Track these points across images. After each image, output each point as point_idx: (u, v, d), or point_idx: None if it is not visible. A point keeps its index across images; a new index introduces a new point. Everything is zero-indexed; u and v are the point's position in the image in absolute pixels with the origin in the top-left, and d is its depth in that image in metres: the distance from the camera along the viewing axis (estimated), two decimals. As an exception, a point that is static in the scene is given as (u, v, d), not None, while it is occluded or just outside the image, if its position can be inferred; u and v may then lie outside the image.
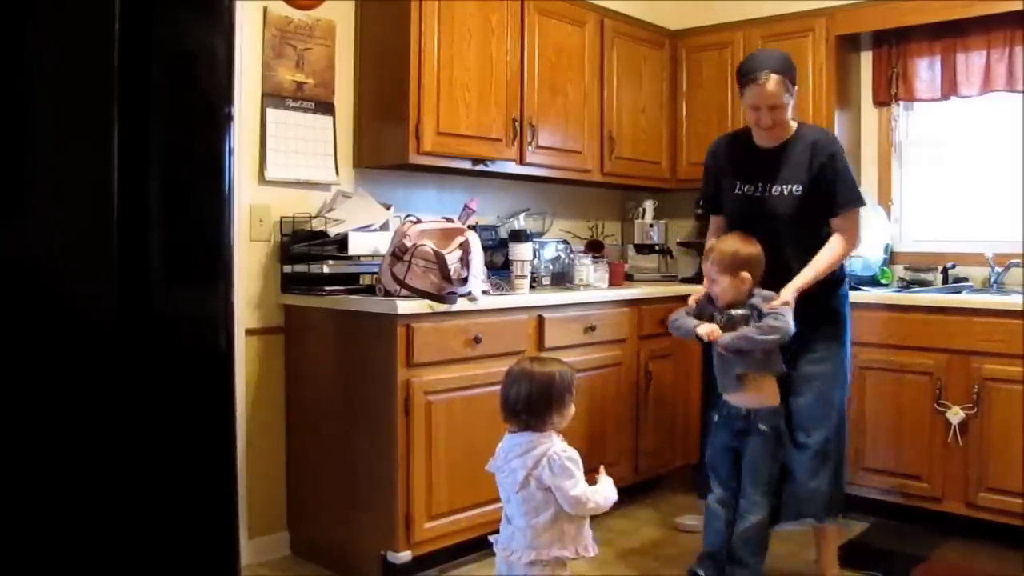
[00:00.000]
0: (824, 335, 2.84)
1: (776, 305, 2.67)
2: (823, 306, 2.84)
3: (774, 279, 2.74)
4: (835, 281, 2.89)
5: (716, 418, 2.87)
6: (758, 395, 2.75)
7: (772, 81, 2.70)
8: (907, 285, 3.95)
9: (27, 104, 1.63)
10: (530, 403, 2.15)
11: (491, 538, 2.28)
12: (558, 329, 3.43)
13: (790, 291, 2.71)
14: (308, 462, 3.24)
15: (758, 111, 2.76)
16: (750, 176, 2.88)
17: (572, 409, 2.22)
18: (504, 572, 2.19)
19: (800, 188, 2.79)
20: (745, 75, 2.76)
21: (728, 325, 2.71)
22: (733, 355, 2.72)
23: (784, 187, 2.81)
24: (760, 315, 2.67)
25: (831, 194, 2.79)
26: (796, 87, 2.79)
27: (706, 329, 2.71)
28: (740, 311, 2.70)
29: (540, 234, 3.97)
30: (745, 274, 2.70)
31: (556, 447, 2.14)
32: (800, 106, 4.05)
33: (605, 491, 2.19)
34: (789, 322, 2.64)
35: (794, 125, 2.88)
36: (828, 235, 2.82)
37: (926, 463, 3.45)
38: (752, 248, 2.74)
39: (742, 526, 2.74)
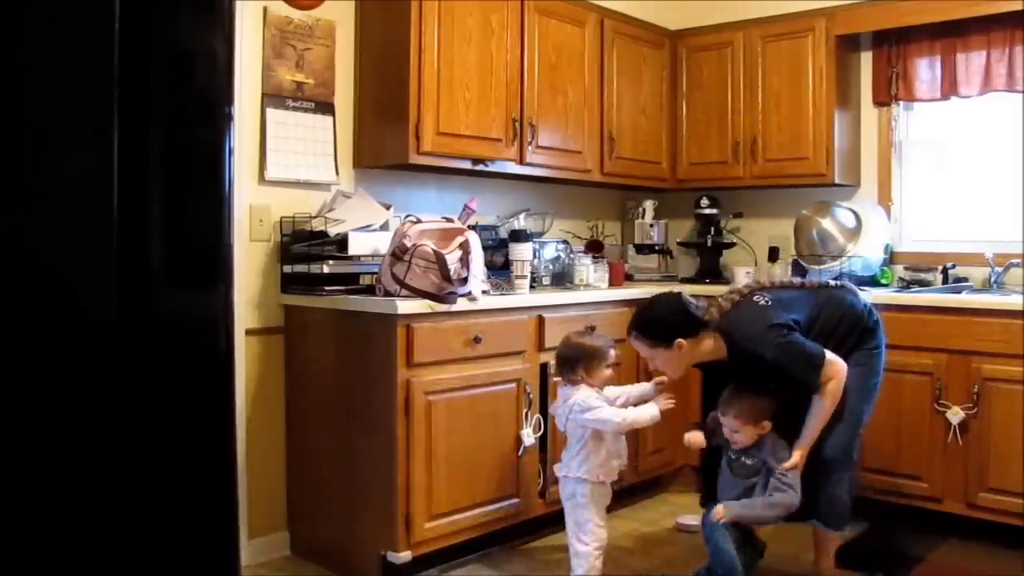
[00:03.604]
0: (865, 344, 2.89)
1: (787, 467, 2.73)
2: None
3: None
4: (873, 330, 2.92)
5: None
6: None
7: (633, 338, 2.88)
8: (907, 285, 3.95)
9: (27, 104, 1.63)
10: (565, 361, 2.94)
11: (555, 466, 3.02)
12: (558, 329, 3.42)
13: (799, 454, 2.75)
14: (308, 462, 3.24)
15: None
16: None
17: (605, 373, 2.94)
18: (561, 490, 2.97)
19: (773, 381, 2.80)
20: None
21: (737, 466, 2.83)
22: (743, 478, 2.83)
23: (763, 385, 2.81)
24: (769, 472, 2.75)
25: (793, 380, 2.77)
26: (677, 341, 2.76)
27: (692, 440, 2.95)
28: (750, 461, 2.80)
29: (540, 234, 3.96)
30: (766, 423, 2.80)
31: (579, 396, 2.87)
32: (800, 106, 4.08)
33: (636, 411, 2.89)
34: (796, 498, 2.72)
35: (709, 343, 2.81)
36: None
37: (926, 463, 3.45)
38: (768, 401, 2.80)
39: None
